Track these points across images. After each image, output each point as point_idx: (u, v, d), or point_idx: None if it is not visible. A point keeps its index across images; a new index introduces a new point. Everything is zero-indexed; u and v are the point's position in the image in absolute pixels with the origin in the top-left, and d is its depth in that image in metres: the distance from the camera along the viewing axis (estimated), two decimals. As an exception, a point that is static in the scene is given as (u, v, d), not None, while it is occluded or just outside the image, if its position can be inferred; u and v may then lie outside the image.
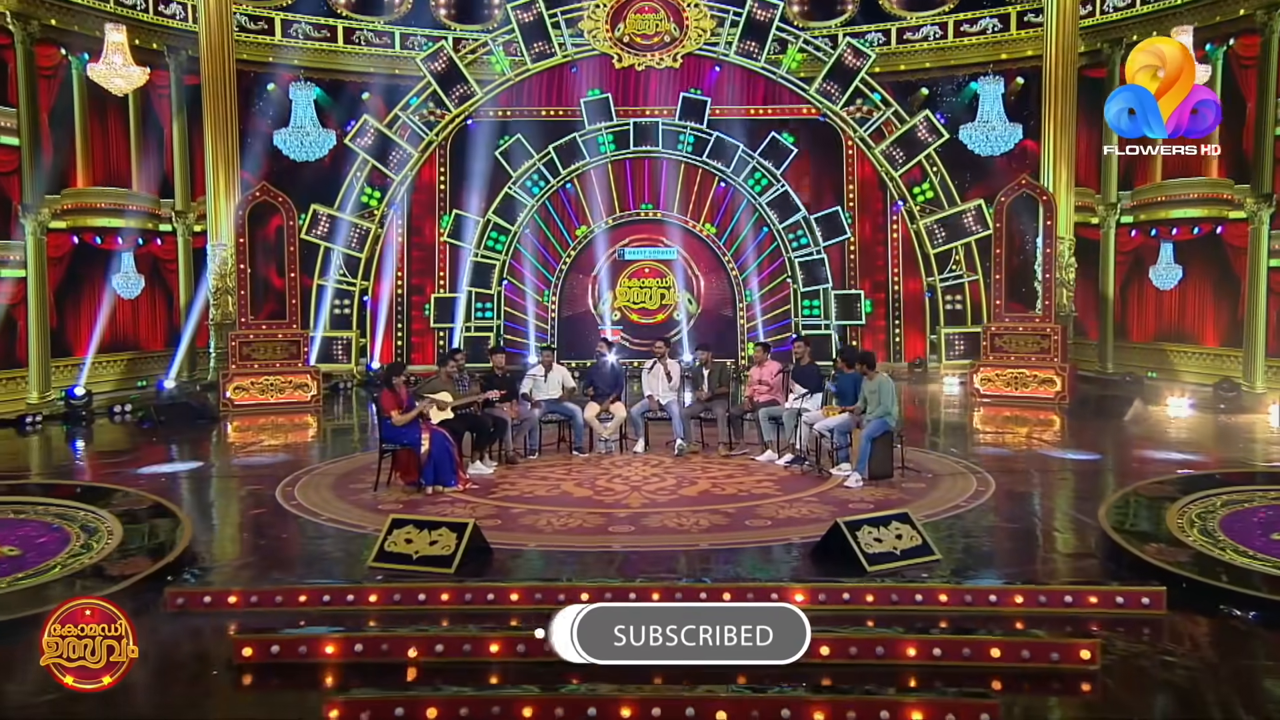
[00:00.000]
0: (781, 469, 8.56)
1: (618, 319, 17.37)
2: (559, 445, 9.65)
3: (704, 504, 7.20)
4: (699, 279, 17.50)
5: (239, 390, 13.43)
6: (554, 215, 17.35)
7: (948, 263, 16.86)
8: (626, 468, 8.64)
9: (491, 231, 17.13)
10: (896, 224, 17.25)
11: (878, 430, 8.07)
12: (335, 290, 16.86)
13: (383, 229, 17.02)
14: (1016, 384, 13.58)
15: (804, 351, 9.30)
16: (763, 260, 17.31)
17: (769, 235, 17.27)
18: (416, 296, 17.38)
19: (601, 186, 17.30)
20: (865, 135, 16.91)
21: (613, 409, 9.60)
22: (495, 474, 8.40)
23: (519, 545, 6.16)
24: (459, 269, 17.11)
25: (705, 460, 9.07)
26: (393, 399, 7.88)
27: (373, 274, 17.09)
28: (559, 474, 8.41)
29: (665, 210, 17.28)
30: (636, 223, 17.46)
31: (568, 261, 17.43)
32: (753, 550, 6.06)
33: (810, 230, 17.10)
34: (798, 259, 17.12)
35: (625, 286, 17.46)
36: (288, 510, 7.35)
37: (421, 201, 17.45)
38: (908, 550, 5.73)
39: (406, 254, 17.39)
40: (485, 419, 8.74)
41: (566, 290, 17.47)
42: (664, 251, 17.41)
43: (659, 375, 9.70)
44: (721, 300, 17.55)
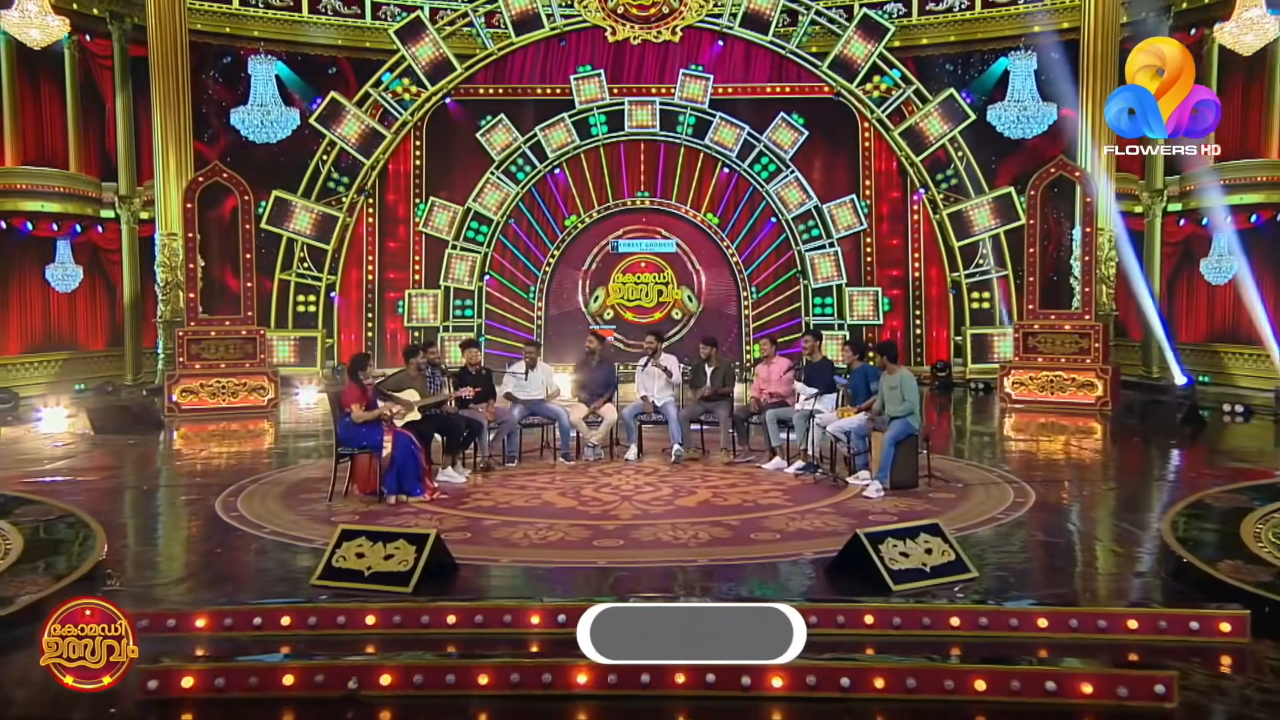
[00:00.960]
0: (791, 477, 8.39)
1: (611, 318, 17.19)
2: (541, 452, 9.47)
3: (704, 515, 7.02)
4: (700, 274, 17.33)
5: (187, 394, 13.17)
6: (541, 204, 17.22)
7: (974, 257, 16.62)
8: (617, 476, 8.49)
9: (472, 222, 16.98)
10: (917, 214, 17.06)
11: (901, 433, 7.81)
12: (298, 285, 16.74)
13: (352, 218, 16.87)
14: (1052, 388, 13.43)
15: (814, 347, 9.19)
16: (770, 254, 17.18)
17: (777, 226, 17.12)
18: (390, 293, 17.24)
19: (593, 172, 17.13)
20: (883, 116, 16.70)
21: (602, 412, 9.44)
22: (468, 483, 8.20)
23: (490, 560, 5.91)
24: (436, 262, 16.93)
25: (705, 468, 8.92)
26: (358, 394, 7.65)
27: (341, 268, 16.96)
28: (540, 483, 8.23)
29: (663, 199, 17.17)
30: (631, 212, 17.29)
31: (556, 255, 17.26)
32: (759, 566, 5.81)
33: (822, 221, 16.95)
34: (809, 252, 16.96)
35: (619, 282, 17.31)
36: (226, 523, 7.07)
37: (395, 188, 17.30)
38: (939, 567, 5.40)
39: (378, 246, 17.21)
40: (457, 421, 8.54)
41: (554, 286, 17.32)
42: (662, 244, 17.28)
43: (653, 374, 9.51)
44: (724, 297, 17.36)
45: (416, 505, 7.36)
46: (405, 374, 8.49)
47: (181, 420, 12.79)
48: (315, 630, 4.77)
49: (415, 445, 7.68)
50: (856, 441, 8.17)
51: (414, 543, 5.45)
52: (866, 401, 8.31)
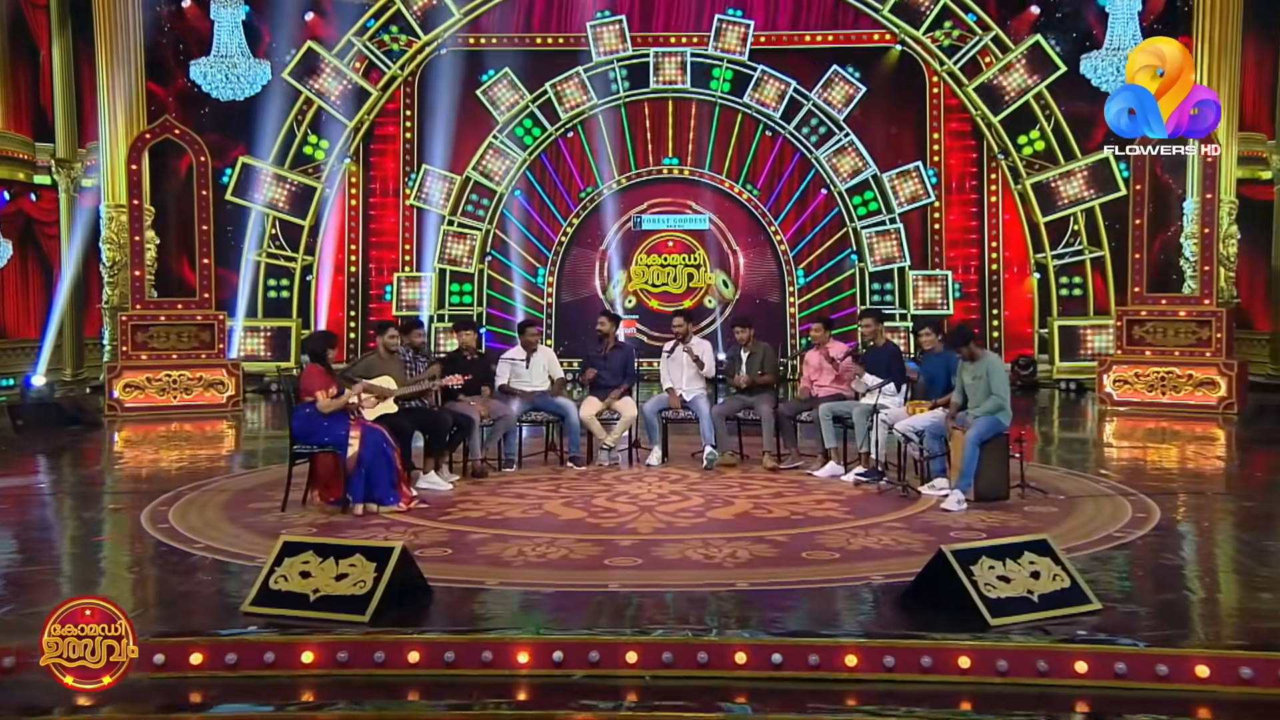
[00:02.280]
0: (850, 486, 8.08)
1: (632, 306, 17.08)
2: (546, 455, 9.29)
3: (742, 530, 6.69)
4: (737, 255, 17.14)
5: (131, 390, 12.91)
6: (551, 173, 17.06)
7: (1063, 234, 16.18)
8: (636, 484, 8.22)
9: (471, 193, 16.77)
10: (995, 184, 16.70)
11: (988, 432, 7.37)
12: (268, 267, 16.49)
13: (332, 189, 16.65)
14: (1163, 387, 12.98)
15: (876, 329, 8.87)
16: (820, 232, 16.95)
17: (828, 199, 16.87)
18: (376, 276, 17.07)
19: (613, 136, 16.94)
20: (955, 68, 16.31)
21: (619, 406, 9.15)
22: (455, 490, 7.95)
23: (474, 583, 5.50)
24: (429, 241, 16.77)
25: (744, 475, 8.63)
26: (323, 378, 7.33)
27: (318, 247, 16.72)
28: (542, 491, 7.97)
29: (694, 167, 17.00)
30: (657, 183, 17.10)
31: (569, 233, 17.11)
32: (813, 592, 5.36)
33: (882, 193, 16.64)
34: (865, 230, 16.65)
35: (642, 265, 17.14)
36: (150, 536, 6.67)
37: (381, 154, 17.09)
38: (1050, 596, 4.85)
39: (362, 222, 17.03)
40: (444, 416, 8.29)
41: (567, 269, 17.15)
42: (692, 220, 17.10)
43: (681, 362, 9.24)
44: (766, 283, 17.19)
45: (389, 516, 7.08)
46: (377, 356, 8.14)
47: (124, 420, 12.55)
48: (235, 671, 4.36)
49: (389, 444, 7.34)
50: (931, 443, 7.83)
51: (374, 559, 5.03)
52: (944, 396, 7.92)
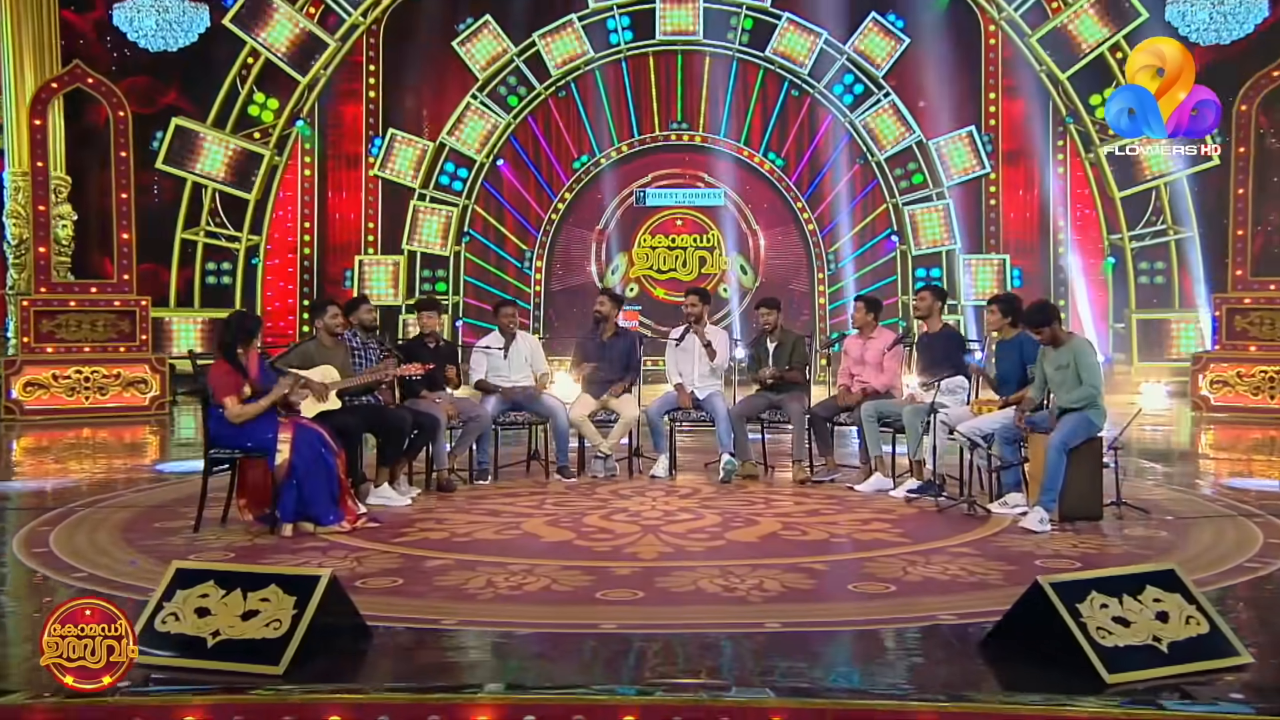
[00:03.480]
0: (901, 503, 7.73)
1: (634, 295, 16.93)
2: (528, 465, 9.15)
3: (770, 555, 6.28)
4: (757, 236, 17.05)
5: (33, 389, 12.68)
6: (540, 140, 17.01)
7: (1144, 211, 15.93)
8: (637, 499, 7.93)
9: (447, 163, 16.79)
10: (1063, 152, 16.45)
11: (1076, 434, 6.88)
12: (209, 249, 16.37)
13: (282, 157, 16.53)
14: (1272, 389, 12.72)
15: (933, 309, 8.42)
16: (855, 208, 16.90)
17: (865, 170, 16.83)
18: (335, 258, 16.94)
19: (613, 96, 16.93)
20: (1016, 15, 16.17)
21: (617, 406, 8.86)
22: (415, 506, 7.66)
23: (428, 622, 5.02)
24: (398, 219, 16.76)
25: (770, 488, 8.36)
26: (232, 376, 6.87)
27: (266, 225, 16.60)
28: (522, 507, 7.67)
29: (708, 134, 16.96)
30: (664, 150, 17.07)
31: (560, 210, 17.07)
32: (866, 636, 4.85)
33: (928, 163, 16.53)
34: (909, 206, 16.56)
35: (646, 247, 17.07)
36: (20, 563, 6.17)
37: (341, 116, 17.00)
38: (1184, 645, 4.27)
39: (318, 196, 16.87)
40: (400, 416, 7.90)
41: (558, 252, 17.13)
42: (705, 195, 17.06)
43: (693, 351, 8.95)
44: (791, 268, 17.13)
45: (328, 538, 6.62)
46: (317, 342, 7.76)
47: (25, 425, 12.32)
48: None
49: (329, 448, 6.90)
50: (1004, 449, 7.37)
51: (294, 591, 4.51)
52: (1018, 391, 7.46)
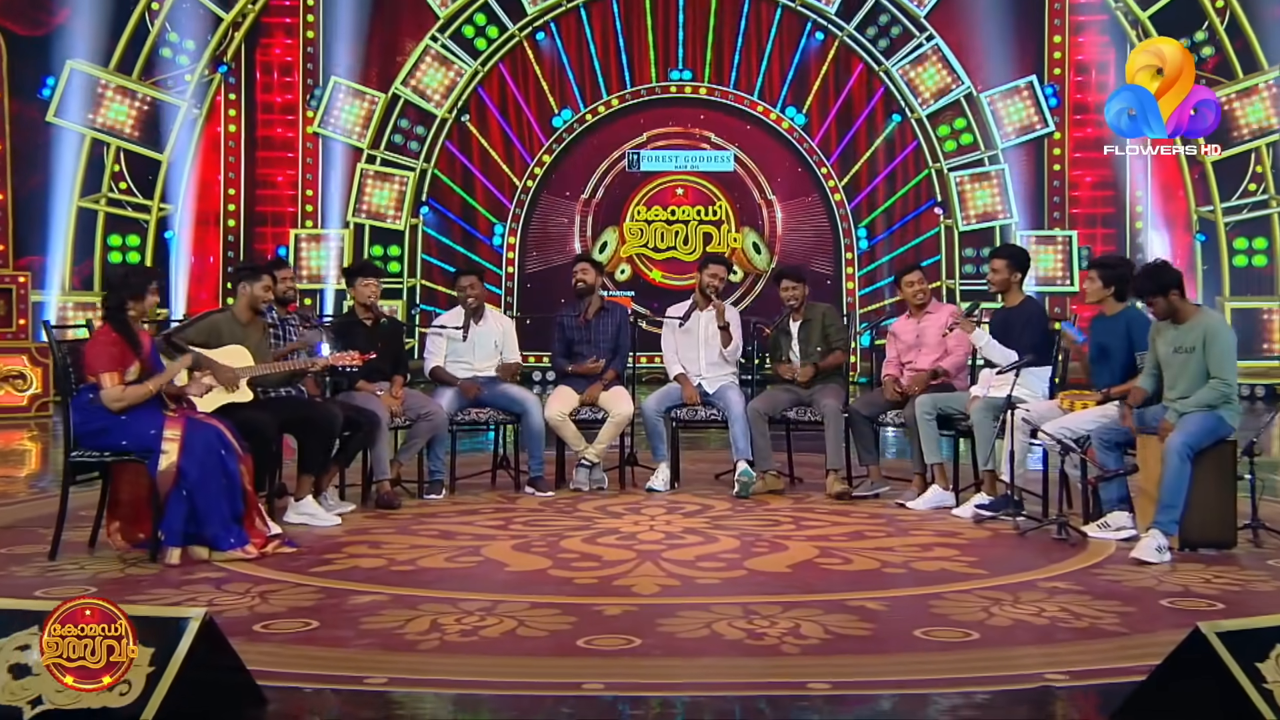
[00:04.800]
0: (968, 523, 7.52)
1: (626, 278, 16.89)
2: (493, 474, 9.03)
3: (806, 589, 6.07)
4: (773, 208, 16.96)
5: None
6: (514, 91, 16.97)
7: (1241, 179, 15.81)
8: (631, 517, 7.79)
9: (401, 118, 16.76)
10: None
11: (1203, 436, 6.52)
12: (112, 220, 16.19)
13: (201, 110, 16.41)
14: None
15: (1009, 281, 8.12)
16: (892, 174, 16.89)
17: (903, 129, 16.78)
18: (263, 231, 16.97)
19: (601, 39, 16.96)
20: None
21: (606, 401, 8.74)
22: (346, 526, 7.48)
23: (349, 679, 4.72)
24: (339, 185, 16.73)
25: (798, 505, 8.20)
26: (117, 348, 6.55)
27: (181, 191, 16.44)
28: (484, 527, 7.52)
29: (715, 84, 16.94)
30: (662, 105, 17.05)
31: (538, 175, 17.02)
32: (944, 703, 4.50)
33: (979, 121, 16.39)
34: (956, 172, 16.42)
35: (640, 221, 16.97)
36: None
37: (273, 61, 16.98)
38: None
39: (244, 156, 16.87)
40: (329, 411, 7.69)
41: (535, 226, 17.12)
42: (711, 158, 17.01)
43: (698, 333, 8.88)
44: (814, 246, 17.04)
45: (226, 566, 6.35)
46: (229, 315, 7.53)
47: None
48: None
49: (232, 451, 6.63)
50: (1104, 455, 6.99)
51: (151, 639, 4.26)
52: (1123, 382, 7.11)
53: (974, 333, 7.94)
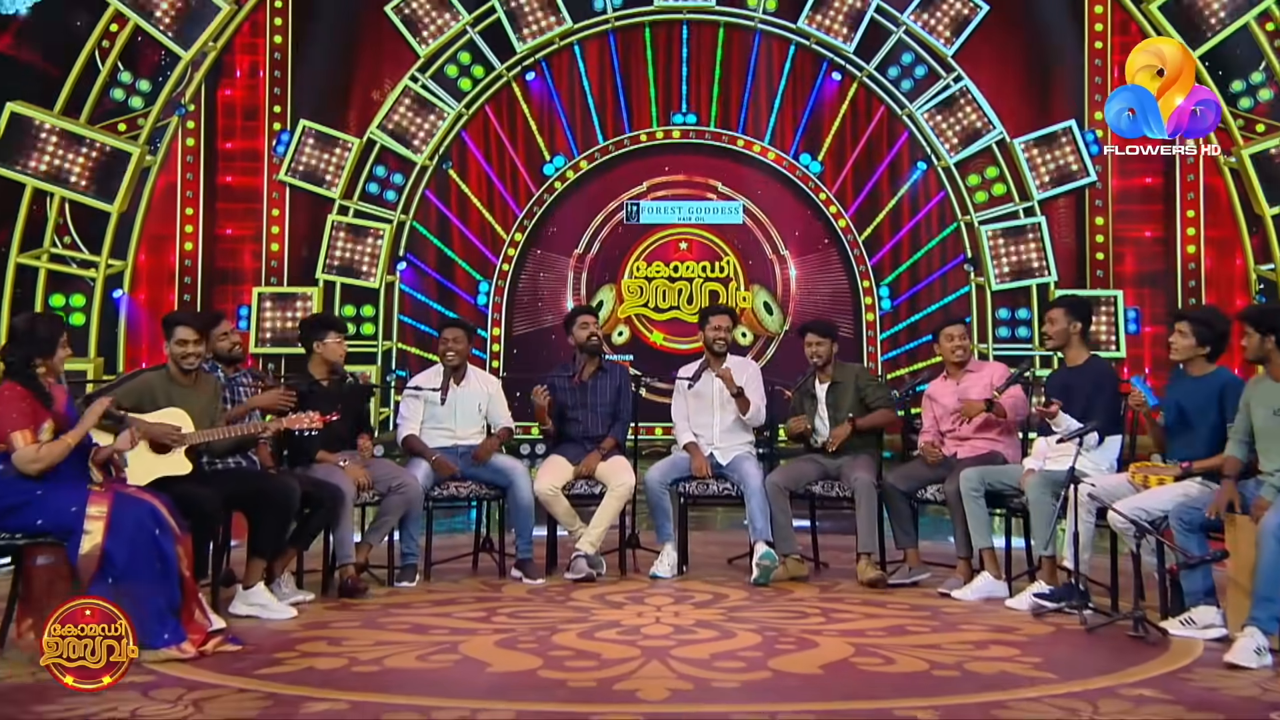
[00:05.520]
0: (1025, 616, 7.45)
1: (624, 341, 16.88)
2: (475, 558, 9.10)
3: (844, 695, 5.98)
4: (786, 264, 16.91)
5: None
6: (501, 136, 16.92)
7: None
8: (633, 608, 7.80)
9: (377, 166, 16.60)
10: (1195, 157, 16.05)
11: None
12: (54, 277, 16.12)
13: (156, 158, 16.22)
14: None
15: (1069, 332, 8.01)
16: (916, 228, 16.87)
17: (929, 179, 16.73)
18: (225, 291, 16.81)
19: (598, 80, 16.97)
20: None
21: (604, 473, 8.72)
22: (304, 618, 7.44)
23: None
24: (311, 238, 16.64)
25: (826, 594, 8.22)
26: (25, 403, 6.39)
27: (133, 246, 16.30)
28: (465, 619, 7.51)
29: (722, 129, 16.91)
30: (664, 152, 17.03)
31: (527, 228, 16.93)
32: None
33: (1014, 169, 16.28)
34: (987, 226, 16.26)
35: (640, 278, 16.92)
36: None
37: (236, 103, 16.92)
38: None
39: (203, 208, 16.73)
40: (284, 485, 7.59)
41: (523, 283, 17.03)
42: (718, 210, 16.98)
43: (711, 396, 8.88)
44: (831, 306, 16.91)
45: (158, 668, 6.15)
46: (162, 375, 7.37)
47: None
48: None
49: (167, 531, 6.54)
50: (1185, 539, 6.84)
51: None
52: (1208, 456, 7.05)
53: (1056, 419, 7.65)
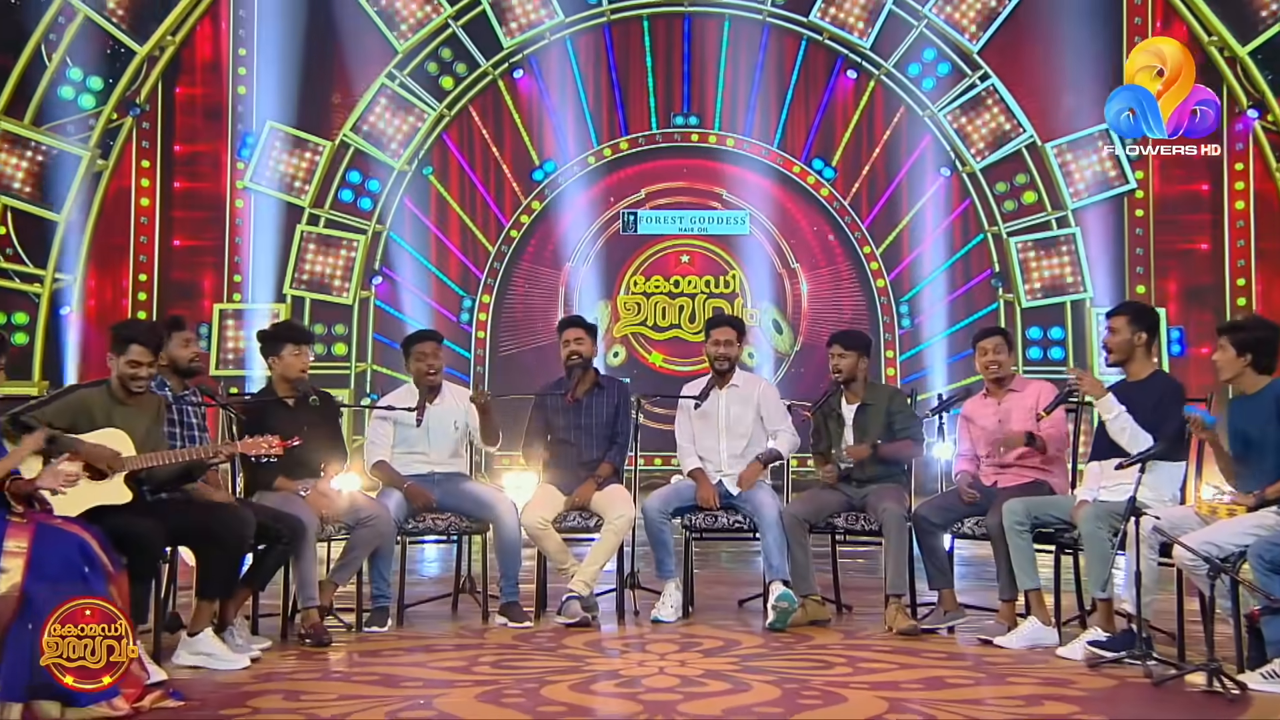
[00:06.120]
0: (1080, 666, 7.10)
1: (620, 361, 16.96)
2: (454, 600, 9.02)
3: None
4: (797, 279, 17.03)
5: None
6: (486, 139, 17.07)
7: None
8: (634, 655, 7.53)
9: (350, 171, 16.76)
10: (1244, 161, 16.39)
11: None
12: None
13: (108, 162, 16.31)
14: None
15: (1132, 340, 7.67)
16: (936, 239, 16.92)
17: (953, 185, 16.81)
18: (183, 307, 16.42)
19: (591, 78, 17.11)
20: None
21: (599, 504, 8.48)
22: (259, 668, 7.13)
23: None
24: (274, 251, 16.70)
25: (850, 640, 7.94)
26: None
27: (82, 258, 16.39)
28: (443, 669, 7.21)
29: (726, 132, 17.04)
30: (664, 156, 17.19)
31: (514, 239, 17.06)
32: None
33: (1046, 175, 16.40)
34: (1017, 238, 16.43)
35: (637, 294, 17.11)
36: None
37: (196, 103, 17.08)
38: None
39: (160, 217, 16.79)
40: (237, 518, 7.30)
41: (510, 298, 17.16)
42: (723, 219, 17.05)
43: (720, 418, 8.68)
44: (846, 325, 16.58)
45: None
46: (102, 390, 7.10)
47: None
48: None
49: (99, 569, 6.22)
50: (1266, 580, 6.53)
51: None
52: None
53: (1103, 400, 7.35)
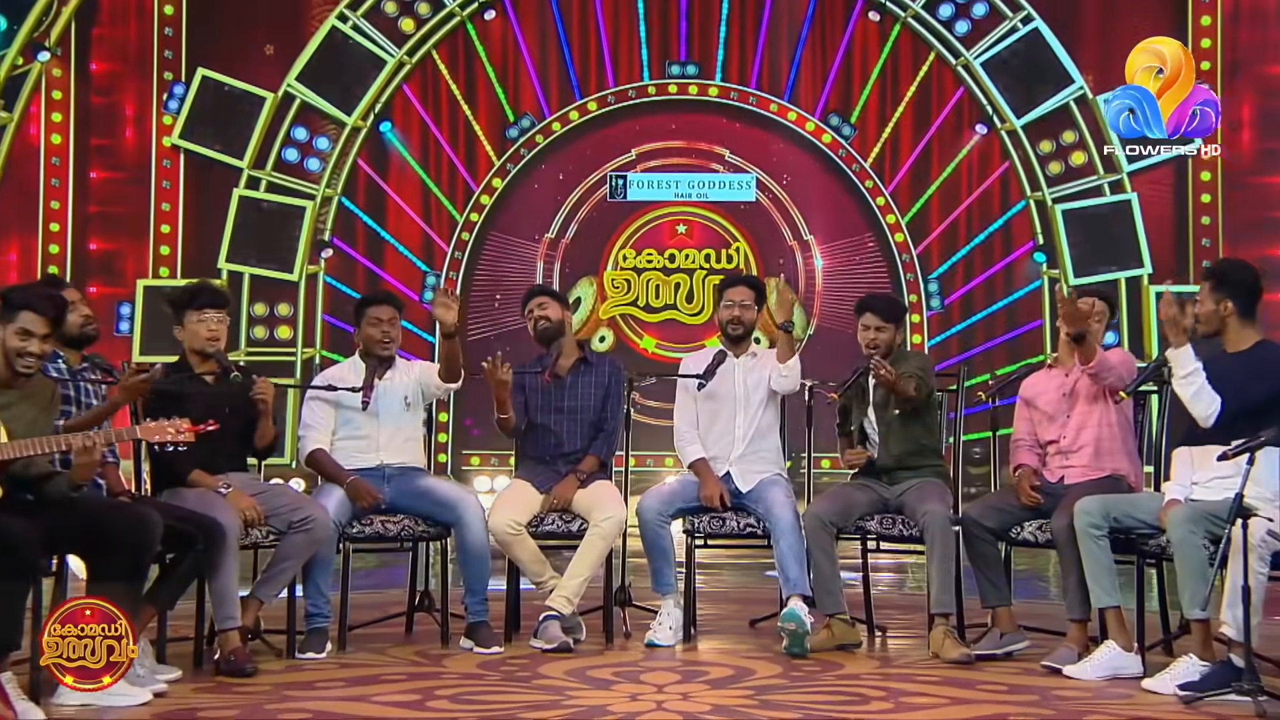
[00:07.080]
0: (1172, 701, 6.68)
1: (607, 345, 16.86)
2: (409, 619, 8.58)
3: None
4: (810, 252, 16.98)
5: None
6: (454, 90, 17.04)
7: None
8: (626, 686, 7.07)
9: (296, 128, 16.69)
10: None
11: None
12: None
13: (13, 113, 16.23)
14: None
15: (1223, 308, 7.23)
16: (973, 207, 16.91)
17: (988, 145, 16.80)
18: (102, 282, 16.77)
19: (576, 19, 17.18)
20: None
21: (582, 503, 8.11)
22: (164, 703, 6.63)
23: None
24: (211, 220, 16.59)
25: (888, 668, 7.65)
26: None
27: None
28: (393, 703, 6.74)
29: (730, 84, 17.06)
30: (657, 111, 17.21)
31: (485, 206, 17.01)
32: None
33: (1096, 133, 16.17)
34: (1063, 205, 16.28)
35: (627, 269, 17.13)
36: None
37: (116, 48, 16.95)
38: None
39: (74, 178, 16.70)
40: (138, 517, 6.86)
41: (481, 274, 17.11)
42: (726, 183, 17.10)
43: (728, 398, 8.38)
44: None
45: None
46: None
47: None
48: None
49: None
50: None
51: None
52: None
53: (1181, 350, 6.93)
